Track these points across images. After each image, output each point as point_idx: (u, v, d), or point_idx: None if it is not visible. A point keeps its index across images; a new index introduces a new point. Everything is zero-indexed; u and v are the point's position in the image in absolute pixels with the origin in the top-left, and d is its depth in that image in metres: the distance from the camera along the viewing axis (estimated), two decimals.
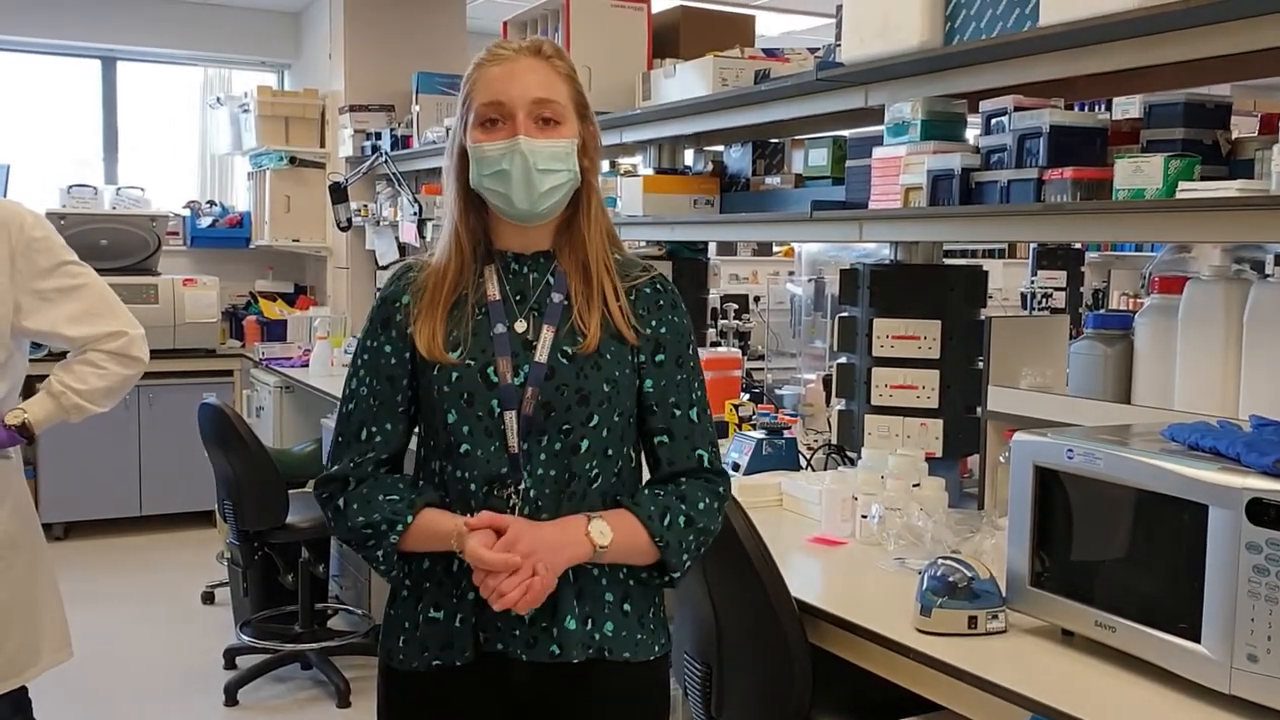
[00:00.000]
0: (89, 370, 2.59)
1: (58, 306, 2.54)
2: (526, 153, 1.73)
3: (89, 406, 2.60)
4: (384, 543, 1.75)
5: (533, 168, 1.73)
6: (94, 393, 2.60)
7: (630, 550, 1.76)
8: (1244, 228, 2.12)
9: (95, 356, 2.59)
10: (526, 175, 1.74)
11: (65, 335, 2.57)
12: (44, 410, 2.58)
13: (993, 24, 2.48)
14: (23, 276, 2.50)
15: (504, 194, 1.75)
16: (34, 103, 7.22)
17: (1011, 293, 6.26)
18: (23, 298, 2.51)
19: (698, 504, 1.80)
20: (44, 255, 2.53)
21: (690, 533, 1.78)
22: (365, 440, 1.81)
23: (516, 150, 1.73)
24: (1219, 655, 1.62)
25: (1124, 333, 2.52)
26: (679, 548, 1.77)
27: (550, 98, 1.76)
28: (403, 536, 1.74)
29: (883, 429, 2.94)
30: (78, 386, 2.57)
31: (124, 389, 2.67)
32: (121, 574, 5.90)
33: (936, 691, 1.89)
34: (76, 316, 2.56)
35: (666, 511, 1.77)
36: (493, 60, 1.78)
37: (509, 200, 1.76)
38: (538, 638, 1.74)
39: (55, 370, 2.61)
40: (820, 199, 3.17)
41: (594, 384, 1.75)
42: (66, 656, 2.74)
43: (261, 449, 4.29)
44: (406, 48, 6.66)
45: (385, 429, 1.81)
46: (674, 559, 1.77)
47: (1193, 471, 1.67)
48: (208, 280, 6.72)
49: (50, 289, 2.53)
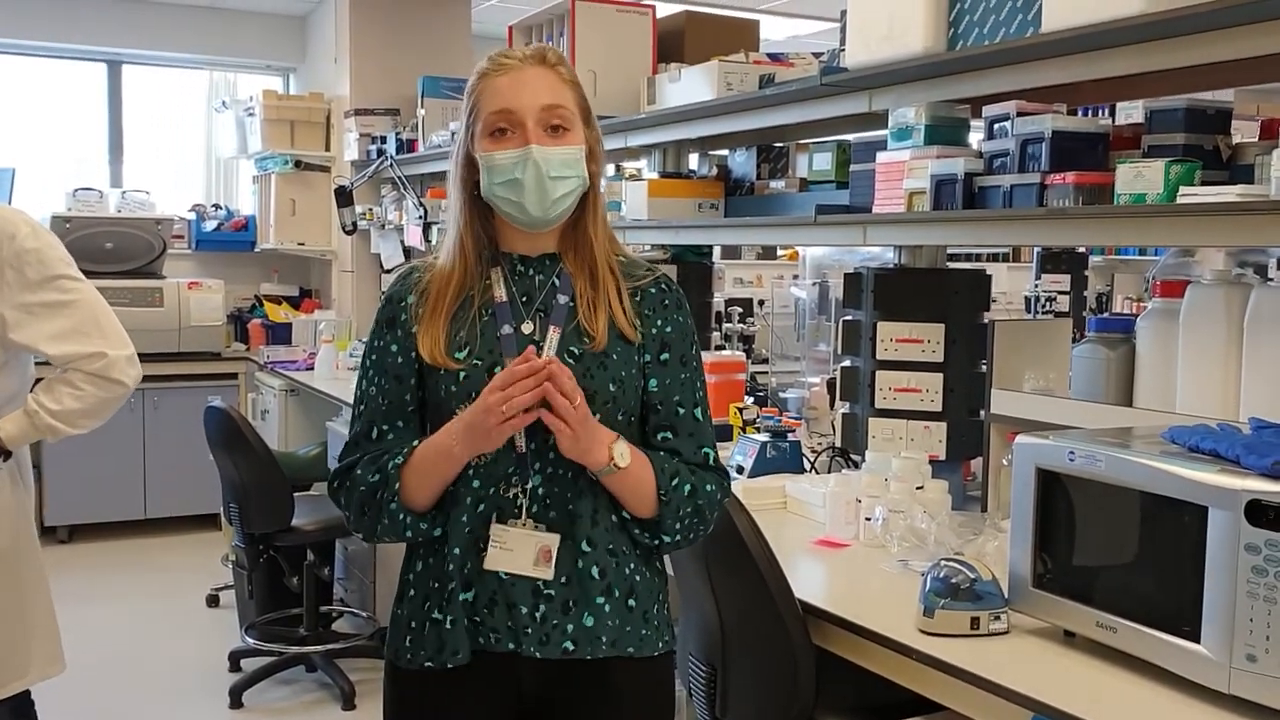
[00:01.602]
0: (66, 391, 2.53)
1: (42, 322, 2.49)
2: (539, 160, 1.74)
3: (63, 428, 2.54)
4: (389, 486, 1.75)
5: (545, 175, 1.75)
6: (69, 414, 2.53)
7: (635, 490, 1.77)
8: (1244, 232, 2.13)
9: (74, 377, 2.53)
10: (539, 183, 1.75)
11: (46, 353, 2.52)
12: (18, 428, 2.54)
13: (996, 29, 2.49)
14: (11, 289, 2.46)
15: (517, 202, 1.77)
16: (39, 106, 7.24)
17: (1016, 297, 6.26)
18: (8, 310, 2.47)
19: (705, 485, 1.83)
20: (34, 268, 2.48)
21: (690, 505, 1.80)
22: (376, 439, 1.83)
23: (529, 159, 1.74)
24: (1218, 655, 1.63)
25: (1126, 336, 2.53)
26: (676, 513, 1.79)
27: (558, 104, 1.78)
28: (405, 467, 1.74)
29: (886, 432, 2.95)
30: (52, 407, 2.52)
31: (104, 410, 2.59)
32: (126, 577, 5.91)
33: (939, 692, 1.90)
34: (60, 334, 2.50)
35: (676, 476, 1.80)
36: (498, 70, 1.79)
37: (522, 208, 1.77)
38: (549, 635, 1.75)
39: (36, 388, 2.58)
40: (825, 203, 3.18)
41: (600, 383, 1.77)
42: (58, 670, 2.69)
43: (267, 452, 4.31)
44: (412, 51, 6.67)
45: (396, 426, 1.83)
46: (669, 520, 1.79)
47: (1192, 473, 1.68)
48: (213, 284, 6.74)
49: (36, 303, 2.48)
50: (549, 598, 1.76)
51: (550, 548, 1.75)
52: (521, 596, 1.75)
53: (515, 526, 1.76)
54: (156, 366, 6.51)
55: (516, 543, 1.75)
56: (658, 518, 1.79)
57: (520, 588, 1.75)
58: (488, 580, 1.76)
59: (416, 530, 1.79)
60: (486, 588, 1.76)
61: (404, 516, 1.77)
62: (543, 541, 1.75)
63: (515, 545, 1.75)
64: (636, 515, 1.80)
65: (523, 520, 1.76)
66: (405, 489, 1.76)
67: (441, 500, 1.79)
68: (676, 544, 1.83)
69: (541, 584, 1.75)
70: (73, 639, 2.84)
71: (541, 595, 1.75)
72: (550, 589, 1.75)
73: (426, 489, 1.77)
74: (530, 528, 1.76)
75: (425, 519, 1.79)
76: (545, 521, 1.77)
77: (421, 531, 1.79)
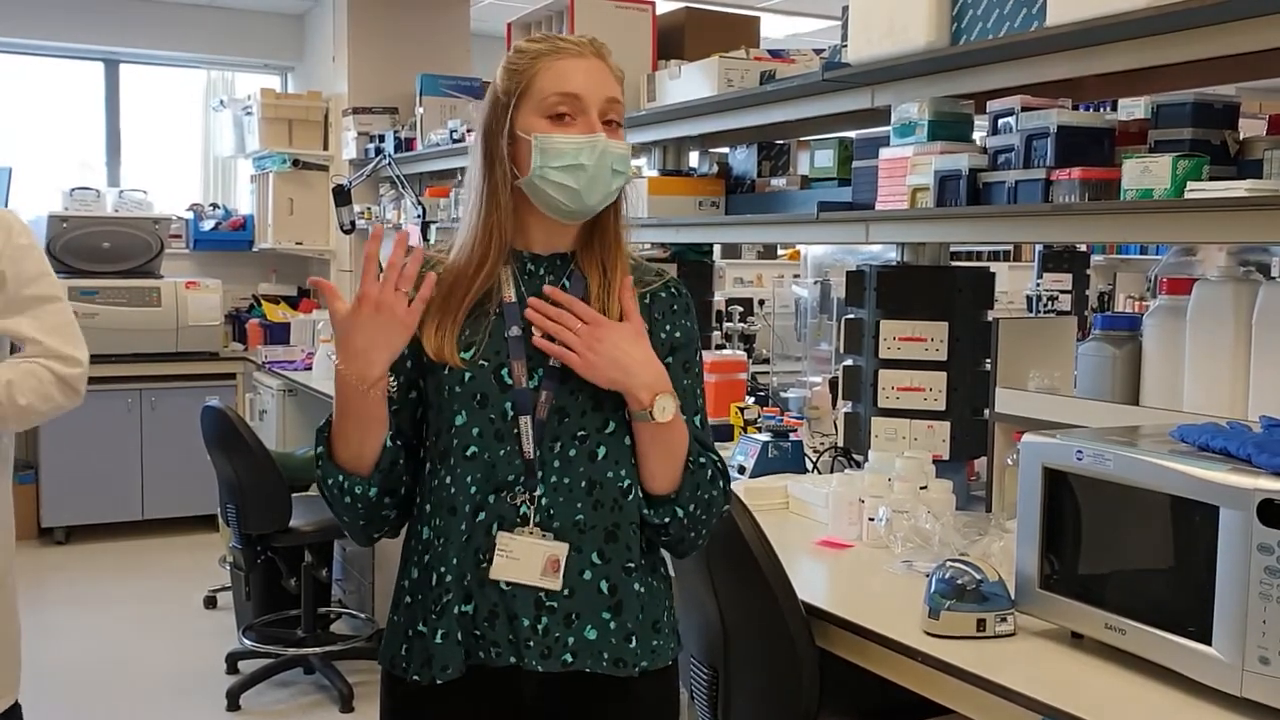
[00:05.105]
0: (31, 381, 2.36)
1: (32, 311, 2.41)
2: (607, 150, 1.71)
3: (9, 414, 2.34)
4: (319, 450, 1.72)
5: (609, 167, 1.71)
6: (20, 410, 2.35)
7: (665, 449, 1.73)
8: (1252, 228, 2.11)
9: (43, 373, 2.39)
10: (601, 172, 1.71)
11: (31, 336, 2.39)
12: None
13: (999, 24, 2.47)
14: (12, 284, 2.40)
15: (573, 189, 1.70)
16: (37, 105, 7.22)
17: (1017, 296, 6.25)
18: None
19: (719, 481, 1.80)
20: (31, 263, 2.44)
21: (706, 493, 1.77)
22: None
23: (597, 147, 1.70)
24: (1230, 658, 1.61)
25: (1132, 334, 2.51)
26: (695, 490, 1.76)
27: (619, 99, 1.76)
28: (331, 421, 1.70)
29: (889, 431, 2.92)
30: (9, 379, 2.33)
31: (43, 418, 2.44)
32: (123, 578, 5.89)
33: (945, 695, 1.87)
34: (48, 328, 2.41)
35: (701, 455, 1.77)
36: (558, 52, 1.75)
37: (576, 196, 1.71)
38: (551, 648, 1.70)
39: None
40: (826, 200, 3.16)
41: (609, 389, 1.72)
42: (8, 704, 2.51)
43: (264, 452, 4.29)
44: (410, 50, 6.65)
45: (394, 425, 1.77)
46: (686, 493, 1.75)
47: (1203, 472, 1.65)
48: (210, 283, 6.73)
49: (30, 296, 2.42)
50: (551, 610, 1.70)
51: (559, 557, 1.70)
52: (523, 608, 1.69)
53: (522, 535, 1.70)
54: (154, 367, 6.55)
55: (524, 552, 1.69)
56: (676, 491, 1.74)
57: (522, 599, 1.69)
58: (488, 592, 1.70)
59: (354, 495, 1.72)
60: (487, 600, 1.70)
61: (338, 479, 1.71)
62: (551, 551, 1.70)
63: (522, 554, 1.69)
64: (653, 486, 1.75)
65: (529, 529, 1.70)
66: (333, 450, 1.71)
67: (436, 506, 1.73)
68: (682, 533, 1.77)
69: (544, 595, 1.70)
70: (69, 640, 2.82)
71: (544, 607, 1.70)
72: (553, 600, 1.70)
73: (351, 438, 1.69)
74: (538, 536, 1.70)
75: (362, 482, 1.72)
76: (551, 530, 1.71)
77: (358, 497, 1.72)
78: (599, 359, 1.67)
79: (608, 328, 1.69)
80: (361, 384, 1.64)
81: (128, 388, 6.42)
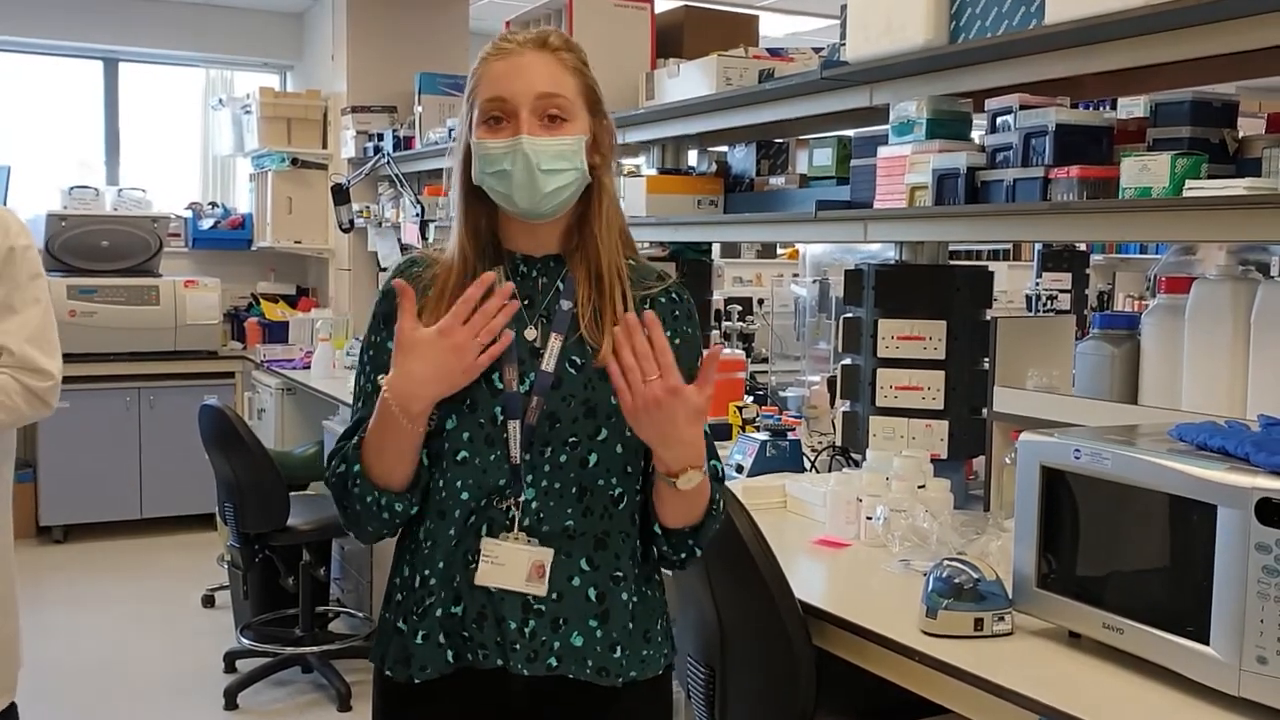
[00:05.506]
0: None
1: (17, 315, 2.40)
2: (529, 153, 1.67)
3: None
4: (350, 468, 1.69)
5: (535, 168, 1.67)
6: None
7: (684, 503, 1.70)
8: (1251, 226, 2.10)
9: (10, 385, 2.37)
10: (529, 175, 1.67)
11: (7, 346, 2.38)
12: None
13: (998, 22, 2.46)
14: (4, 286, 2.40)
15: (505, 194, 1.70)
16: (36, 104, 7.21)
17: (1016, 295, 6.25)
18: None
19: (721, 501, 1.78)
20: (25, 265, 2.44)
21: (715, 522, 1.77)
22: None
23: (518, 150, 1.67)
24: (1228, 657, 1.60)
25: (1130, 333, 2.51)
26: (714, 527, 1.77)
27: (555, 92, 1.70)
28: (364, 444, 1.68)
29: (887, 430, 2.92)
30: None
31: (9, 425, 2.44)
32: (121, 577, 5.89)
33: (942, 694, 1.87)
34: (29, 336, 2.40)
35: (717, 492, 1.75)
36: (497, 54, 1.73)
37: (510, 200, 1.71)
38: (537, 651, 1.69)
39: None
40: (825, 199, 3.15)
41: (602, 396, 1.69)
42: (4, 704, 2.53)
43: (263, 451, 4.29)
44: (409, 48, 6.64)
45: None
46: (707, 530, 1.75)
47: (1201, 471, 1.65)
48: (209, 282, 6.73)
49: (16, 299, 2.41)
50: (539, 613, 1.69)
51: (543, 563, 1.68)
52: (511, 611, 1.68)
53: (507, 540, 1.69)
54: (152, 365, 6.54)
55: (508, 557, 1.68)
56: (697, 526, 1.73)
57: (510, 603, 1.68)
58: (477, 594, 1.69)
59: (393, 511, 1.70)
60: (475, 602, 1.69)
61: (376, 496, 1.69)
62: (535, 557, 1.68)
63: (507, 560, 1.68)
64: (668, 523, 1.73)
65: (514, 534, 1.69)
66: (367, 467, 1.68)
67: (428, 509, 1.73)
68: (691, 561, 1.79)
69: (532, 599, 1.68)
70: (67, 639, 2.82)
71: (532, 610, 1.69)
72: (540, 604, 1.69)
73: (388, 462, 1.67)
74: (523, 541, 1.69)
75: (402, 498, 1.71)
76: (538, 536, 1.69)
77: (398, 513, 1.71)
78: (648, 420, 1.59)
79: (678, 397, 1.57)
80: (404, 417, 1.63)
81: (126, 386, 6.41)
